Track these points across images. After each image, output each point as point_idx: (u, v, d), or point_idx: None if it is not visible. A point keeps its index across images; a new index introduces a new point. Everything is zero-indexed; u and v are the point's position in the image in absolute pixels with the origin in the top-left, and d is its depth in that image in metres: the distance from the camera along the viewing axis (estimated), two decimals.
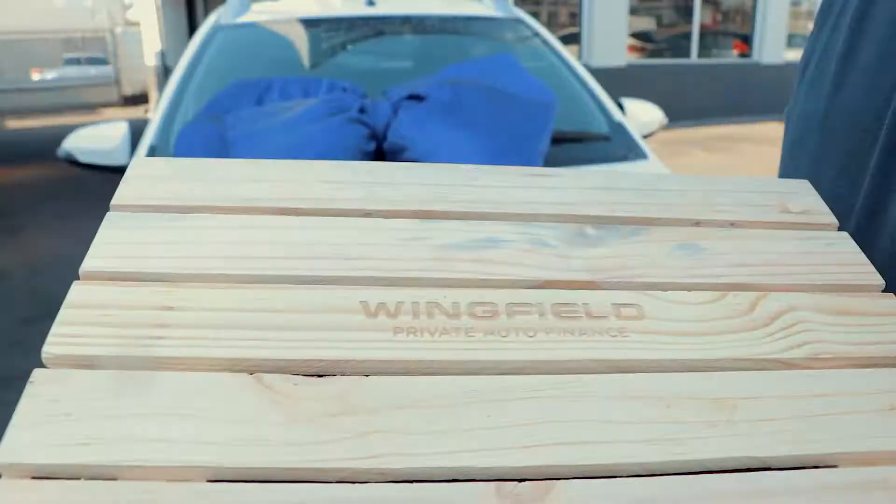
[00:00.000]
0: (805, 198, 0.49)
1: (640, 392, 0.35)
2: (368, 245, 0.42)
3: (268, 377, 0.35)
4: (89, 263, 0.42)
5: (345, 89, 2.20)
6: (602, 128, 2.57)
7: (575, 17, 10.70)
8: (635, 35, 11.56)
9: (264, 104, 2.21)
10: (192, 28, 13.29)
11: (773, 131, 11.16)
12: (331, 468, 0.31)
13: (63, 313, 0.38)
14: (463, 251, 0.42)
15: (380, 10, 2.93)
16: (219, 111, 2.23)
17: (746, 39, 12.98)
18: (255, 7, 3.01)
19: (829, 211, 0.48)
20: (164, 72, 16.65)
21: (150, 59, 18.55)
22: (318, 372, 0.36)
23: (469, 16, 3.05)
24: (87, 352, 0.36)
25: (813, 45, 0.61)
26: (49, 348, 0.37)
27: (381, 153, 1.98)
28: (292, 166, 0.49)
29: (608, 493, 0.30)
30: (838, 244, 0.45)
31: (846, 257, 0.44)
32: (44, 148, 11.32)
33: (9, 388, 3.44)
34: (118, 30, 19.71)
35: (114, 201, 0.46)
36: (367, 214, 0.45)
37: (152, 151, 2.21)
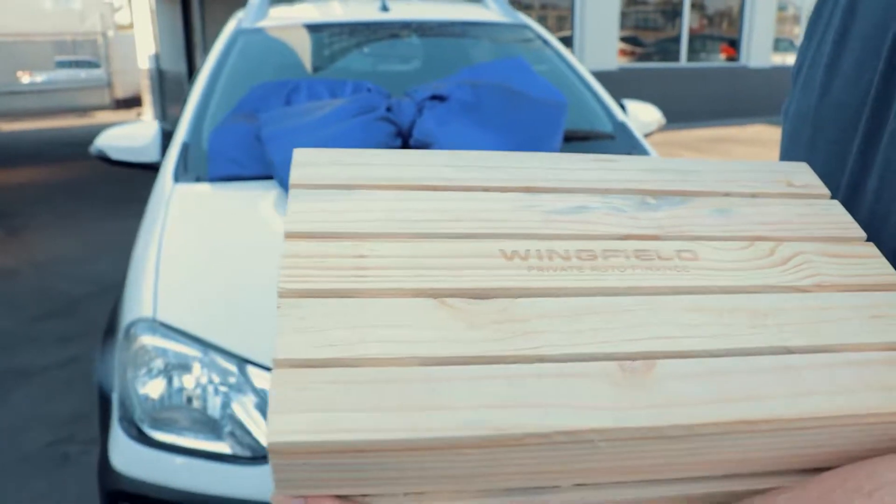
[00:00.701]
0: (804, 176, 0.64)
1: (701, 307, 0.50)
2: (494, 211, 0.57)
3: (448, 300, 0.49)
4: (291, 227, 0.53)
5: (369, 90, 2.34)
6: (607, 127, 2.72)
7: (566, 21, 10.87)
8: (625, 39, 11.74)
9: (293, 104, 2.35)
10: (188, 31, 13.38)
11: (760, 133, 11.36)
12: (506, 355, 0.45)
13: (285, 261, 0.50)
14: (563, 215, 0.57)
15: (393, 15, 3.07)
16: (249, 110, 2.36)
17: (734, 43, 13.20)
18: (272, 12, 3.15)
19: (823, 185, 0.63)
20: (159, 75, 16.73)
21: (144, 63, 18.58)
22: (481, 297, 0.50)
23: (478, 21, 3.19)
24: (310, 286, 0.48)
25: (804, 55, 0.75)
26: (283, 284, 0.48)
27: (407, 149, 2.12)
28: (419, 155, 0.63)
29: (688, 369, 0.45)
30: (832, 209, 0.61)
31: (837, 218, 0.60)
32: (36, 150, 11.33)
33: (29, 383, 3.52)
34: (110, 33, 19.77)
35: (292, 181, 0.58)
36: (486, 190, 0.59)
37: (185, 149, 2.34)
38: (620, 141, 2.64)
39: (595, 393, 0.43)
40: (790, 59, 13.03)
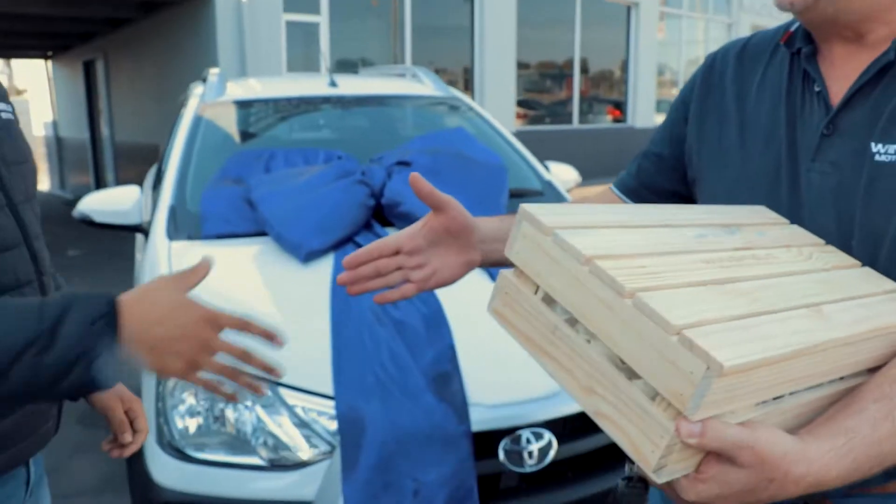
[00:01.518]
0: (767, 212, 1.02)
1: (791, 281, 0.82)
2: (675, 238, 0.85)
3: (706, 287, 0.74)
4: (589, 252, 0.73)
5: (340, 157, 2.70)
6: (535, 185, 3.15)
7: (467, 87, 11.49)
8: (519, 103, 12.40)
9: (272, 171, 2.68)
10: (91, 99, 13.29)
11: None
12: (762, 311, 0.72)
13: (610, 271, 0.71)
14: (700, 237, 0.88)
15: (342, 90, 3.44)
16: (233, 176, 2.68)
17: (619, 105, 14.16)
18: (229, 87, 3.46)
19: (782, 217, 1.01)
20: (57, 142, 16.43)
21: (39, 130, 18.20)
22: (722, 283, 0.77)
23: (416, 95, 3.61)
24: (639, 285, 0.70)
25: (700, 134, 1.09)
26: (627, 284, 0.69)
27: (379, 207, 2.48)
28: (618, 207, 0.96)
29: (838, 307, 0.77)
30: (797, 229, 0.97)
31: (804, 232, 0.96)
32: None
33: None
34: None
35: (551, 224, 0.78)
36: (667, 226, 0.89)
37: (173, 211, 2.61)
38: (548, 197, 3.07)
39: (811, 325, 0.73)
40: None
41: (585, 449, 1.86)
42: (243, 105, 3.29)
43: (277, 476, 1.78)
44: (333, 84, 3.47)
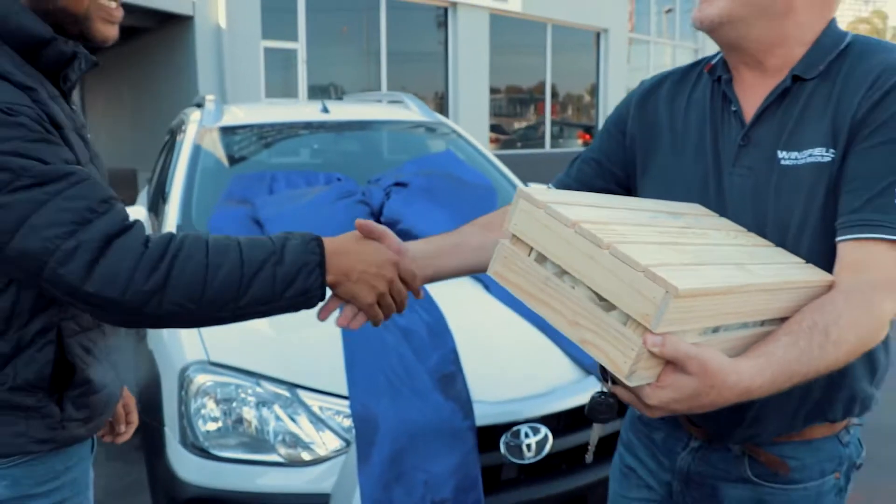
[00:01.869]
0: (700, 207, 1.23)
1: (723, 250, 1.03)
2: (635, 215, 1.08)
3: (662, 245, 0.98)
4: (573, 216, 0.95)
5: (339, 179, 2.87)
6: None
7: (441, 111, 11.75)
8: (492, 128, 12.67)
9: (275, 192, 2.84)
10: None
11: None
12: (707, 262, 0.95)
13: (589, 228, 0.93)
14: (653, 218, 1.09)
15: (333, 116, 3.62)
16: (237, 197, 2.84)
17: (588, 129, 14.52)
18: (226, 111, 3.62)
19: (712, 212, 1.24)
20: None
21: None
22: (672, 244, 0.98)
23: (403, 120, 3.80)
24: (616, 239, 0.92)
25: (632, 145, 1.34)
26: (608, 240, 0.91)
27: None
28: (588, 194, 1.18)
29: (763, 268, 0.99)
30: (724, 219, 1.20)
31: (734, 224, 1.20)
32: None
33: None
34: None
35: (544, 199, 0.98)
36: (627, 209, 1.11)
37: (180, 230, 2.76)
38: None
39: (739, 274, 0.94)
40: None
41: (578, 442, 2.03)
42: (242, 129, 3.45)
43: (297, 471, 1.93)
44: (325, 110, 3.64)
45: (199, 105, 3.67)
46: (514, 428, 1.97)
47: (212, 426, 2.00)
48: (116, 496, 3.09)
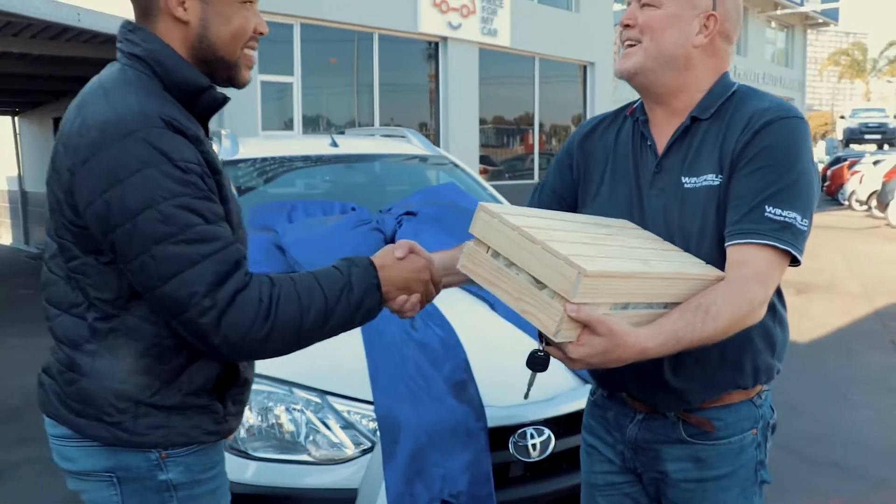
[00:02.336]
0: (627, 222, 1.54)
1: (635, 250, 1.34)
2: (571, 225, 1.39)
3: (587, 244, 1.30)
4: (524, 227, 1.26)
5: (353, 209, 3.13)
6: None
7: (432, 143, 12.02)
8: (481, 159, 12.96)
9: (294, 220, 3.09)
10: None
11: None
12: (621, 256, 1.28)
13: (532, 233, 1.23)
14: (583, 226, 1.41)
15: (342, 150, 3.89)
16: (258, 225, 3.08)
17: None
18: (241, 144, 3.88)
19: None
20: (22, 196, 16.52)
21: (2, 184, 18.24)
22: (593, 244, 1.30)
23: (407, 154, 4.07)
24: (547, 238, 1.23)
25: (578, 177, 1.67)
26: (548, 244, 1.21)
27: None
28: (534, 209, 1.47)
29: (666, 265, 1.31)
30: (644, 230, 1.52)
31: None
32: None
33: (8, 478, 3.80)
34: None
35: (500, 212, 1.29)
36: (564, 220, 1.42)
37: None
38: None
39: (641, 266, 1.25)
40: None
41: (577, 444, 2.27)
42: (258, 162, 3.71)
43: (327, 469, 2.16)
44: (335, 144, 3.91)
45: (214, 138, 3.93)
46: (521, 430, 2.21)
47: (250, 430, 2.23)
48: None
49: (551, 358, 1.26)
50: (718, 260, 1.39)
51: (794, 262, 1.37)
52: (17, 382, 5.50)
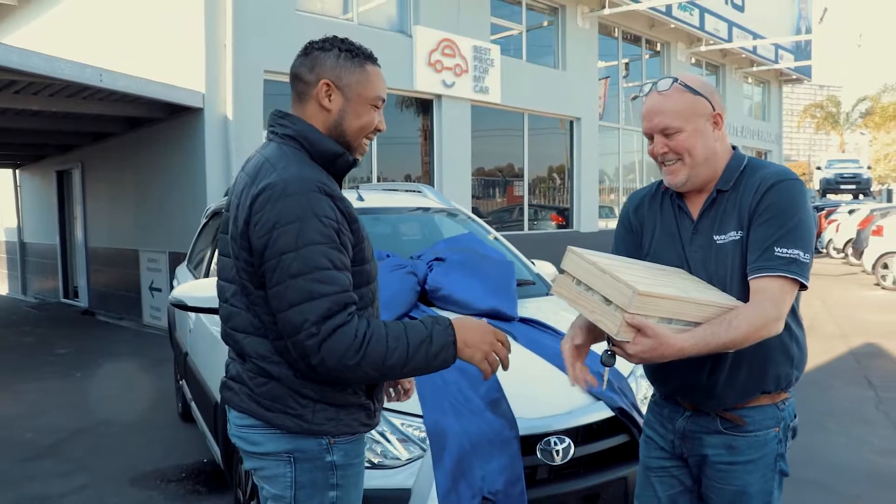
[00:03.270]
0: (681, 269, 1.98)
1: (683, 284, 1.82)
2: (638, 266, 1.87)
3: (646, 281, 1.74)
4: (591, 257, 1.74)
5: (388, 255, 3.57)
6: (528, 276, 4.07)
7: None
8: (472, 210, 13.30)
9: None
10: (63, 206, 13.81)
11: None
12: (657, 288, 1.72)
13: (600, 265, 1.71)
14: (647, 268, 1.88)
15: (367, 203, 4.33)
16: None
17: (562, 212, 15.27)
18: None
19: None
20: (21, 247, 16.72)
21: (0, 235, 18.43)
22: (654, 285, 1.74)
23: (425, 207, 4.54)
24: (611, 270, 1.70)
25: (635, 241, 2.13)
26: (620, 276, 1.66)
27: (424, 292, 3.34)
28: (613, 255, 1.92)
29: (681, 293, 1.74)
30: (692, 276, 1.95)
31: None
32: None
33: None
34: None
35: (580, 252, 1.77)
36: (633, 264, 1.88)
37: None
38: (539, 286, 3.98)
39: (681, 293, 1.70)
40: (612, 224, 15.29)
41: (594, 451, 2.70)
42: None
43: (385, 472, 2.56)
44: (361, 199, 4.36)
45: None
46: (546, 438, 2.63)
47: None
48: None
49: (616, 358, 1.70)
50: (745, 294, 1.79)
51: (803, 287, 1.78)
52: (36, 423, 5.78)
